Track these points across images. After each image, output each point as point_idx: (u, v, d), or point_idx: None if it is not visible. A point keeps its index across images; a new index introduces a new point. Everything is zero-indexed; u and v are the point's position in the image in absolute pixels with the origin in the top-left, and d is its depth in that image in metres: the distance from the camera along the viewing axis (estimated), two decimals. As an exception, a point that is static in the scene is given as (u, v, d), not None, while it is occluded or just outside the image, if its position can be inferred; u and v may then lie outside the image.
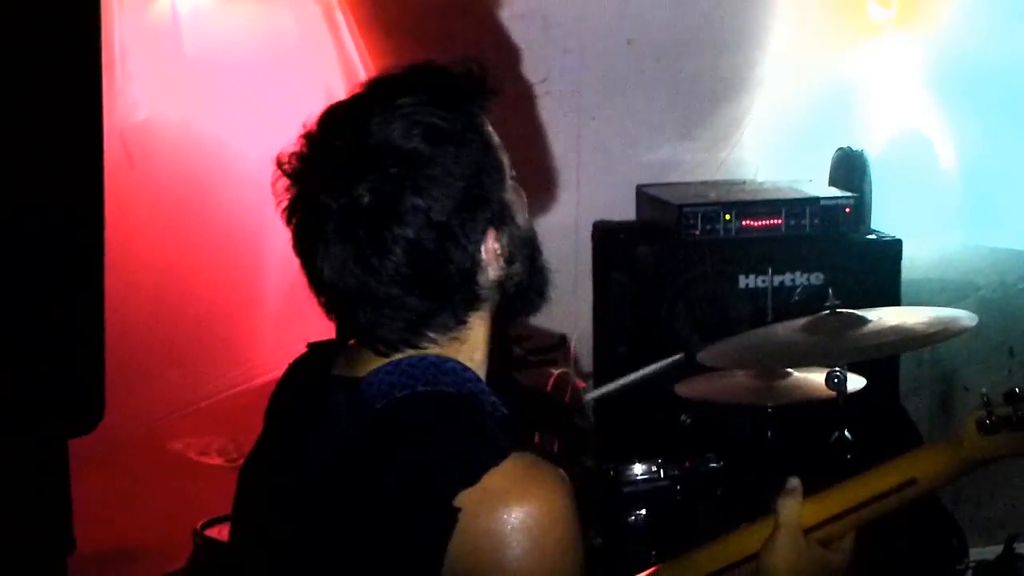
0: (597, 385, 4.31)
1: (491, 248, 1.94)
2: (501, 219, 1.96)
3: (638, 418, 4.20)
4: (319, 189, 1.90)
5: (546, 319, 4.16)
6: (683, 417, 3.98)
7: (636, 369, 4.06)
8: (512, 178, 2.01)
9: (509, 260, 1.97)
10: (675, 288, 4.33)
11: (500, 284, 1.98)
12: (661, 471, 3.51)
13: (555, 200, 4.77)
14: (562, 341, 4.26)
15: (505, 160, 1.99)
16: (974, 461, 2.07)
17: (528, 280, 2.02)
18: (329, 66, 4.40)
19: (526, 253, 2.01)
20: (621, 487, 3.49)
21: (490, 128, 1.98)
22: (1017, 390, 2.05)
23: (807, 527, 2.06)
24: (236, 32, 4.36)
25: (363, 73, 4.30)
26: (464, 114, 1.95)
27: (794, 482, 2.08)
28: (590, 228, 4.71)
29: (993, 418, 2.03)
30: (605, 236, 4.65)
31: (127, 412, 3.99)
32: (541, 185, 4.69)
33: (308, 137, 1.95)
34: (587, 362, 4.63)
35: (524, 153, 4.68)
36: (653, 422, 4.13)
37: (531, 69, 4.74)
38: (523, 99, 4.72)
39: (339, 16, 4.41)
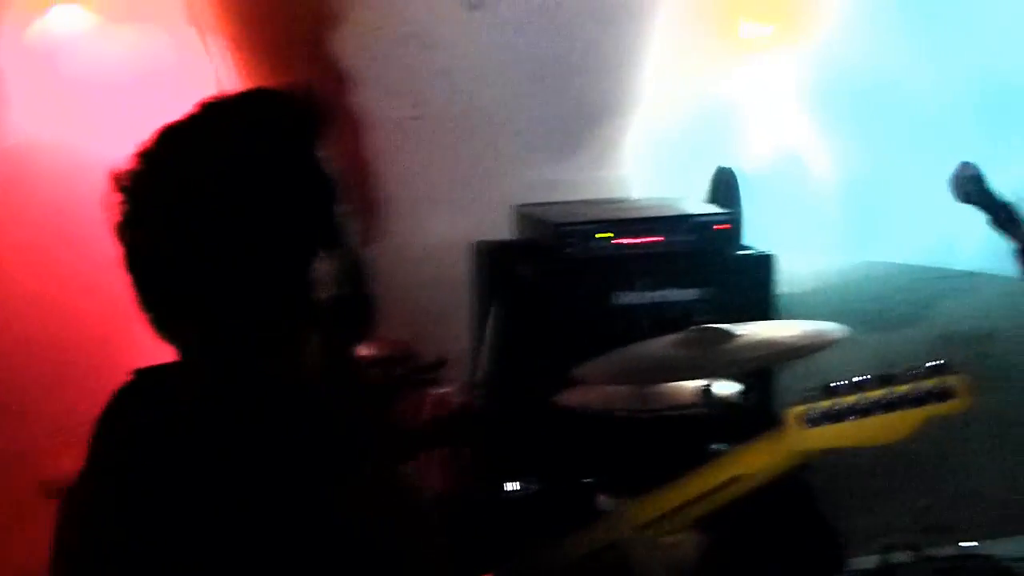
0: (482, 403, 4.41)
1: (318, 271, 1.97)
2: (327, 243, 1.99)
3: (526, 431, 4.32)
4: (150, 206, 1.96)
5: (426, 339, 4.30)
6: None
7: (521, 390, 4.20)
8: (344, 203, 2.03)
9: (335, 284, 2.00)
10: (554, 306, 4.45)
11: (326, 306, 2.00)
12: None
13: (434, 221, 4.85)
14: (442, 362, 4.35)
15: (336, 185, 2.02)
16: (798, 453, 2.23)
17: (354, 304, 2.05)
18: (205, 88, 4.45)
19: (352, 278, 2.04)
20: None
21: (321, 154, 2.01)
22: (833, 384, 2.21)
23: (643, 524, 2.20)
24: (113, 55, 4.40)
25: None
26: (292, 140, 1.99)
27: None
28: (470, 248, 4.77)
29: (813, 411, 2.19)
30: (484, 256, 4.71)
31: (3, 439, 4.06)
32: (420, 206, 4.79)
33: (142, 155, 2.00)
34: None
35: (402, 175, 4.84)
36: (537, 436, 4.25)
37: (410, 91, 4.84)
38: (402, 121, 4.82)
39: (213, 39, 4.49)
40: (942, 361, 2.49)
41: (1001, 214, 2.77)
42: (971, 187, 2.83)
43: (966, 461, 5.44)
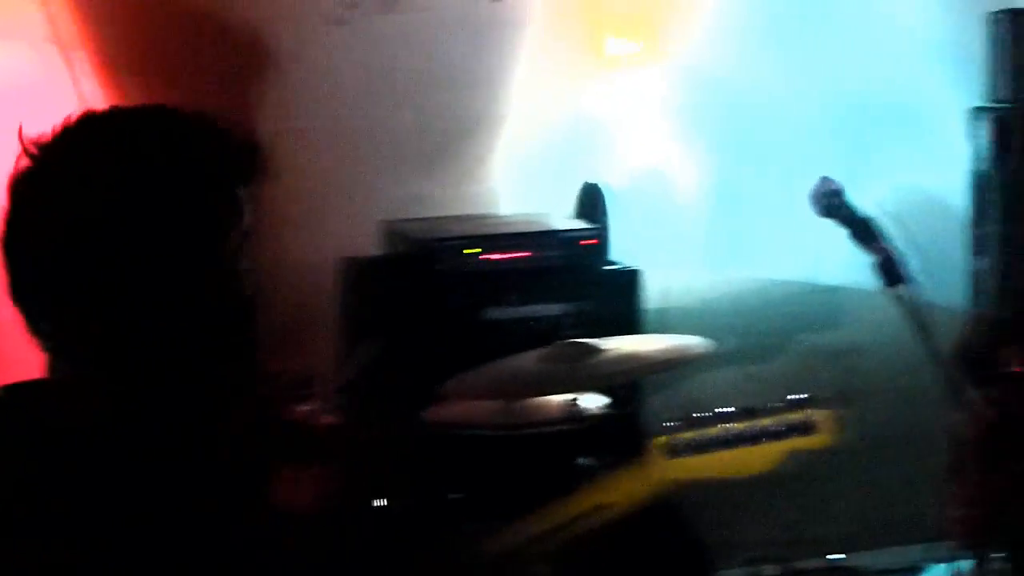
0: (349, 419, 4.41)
1: (210, 292, 1.97)
2: (218, 266, 2.00)
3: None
4: (35, 217, 1.94)
5: (294, 356, 4.28)
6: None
7: (389, 406, 4.21)
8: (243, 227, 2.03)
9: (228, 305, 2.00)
10: (422, 322, 4.45)
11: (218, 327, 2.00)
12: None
13: (301, 237, 4.83)
14: (309, 378, 4.34)
15: (236, 209, 2.02)
16: (661, 483, 2.26)
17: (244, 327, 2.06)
18: (68, 105, 4.42)
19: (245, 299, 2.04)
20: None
21: (225, 177, 2.01)
22: (697, 415, 2.24)
23: (505, 552, 2.22)
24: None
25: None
26: (182, 158, 1.98)
27: None
28: (336, 265, 4.72)
29: (677, 442, 2.22)
30: (351, 272, 4.68)
31: None
32: (287, 223, 4.78)
33: (27, 170, 1.97)
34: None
35: (268, 190, 4.82)
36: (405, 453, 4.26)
37: (279, 107, 4.84)
38: (272, 137, 4.77)
39: (77, 55, 4.46)
40: (806, 395, 2.54)
41: (861, 229, 2.83)
42: (831, 202, 2.89)
43: (832, 474, 5.53)
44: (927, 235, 5.16)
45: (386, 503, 3.68)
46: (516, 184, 5.16)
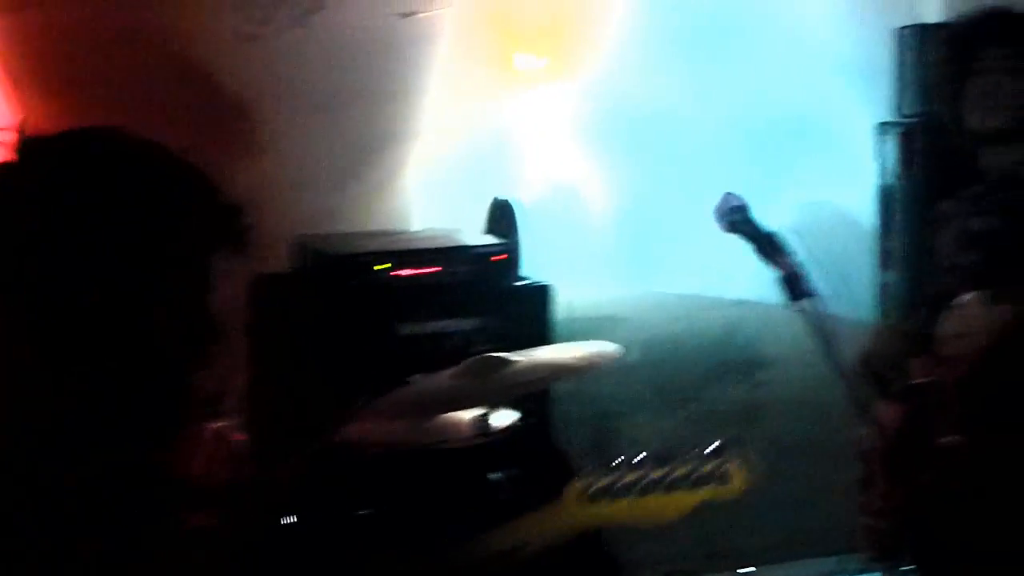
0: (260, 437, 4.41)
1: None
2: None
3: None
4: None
5: (203, 373, 4.26)
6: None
7: (300, 423, 4.21)
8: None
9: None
10: (333, 338, 4.46)
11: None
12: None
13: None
14: (219, 395, 4.32)
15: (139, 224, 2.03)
16: (576, 527, 2.27)
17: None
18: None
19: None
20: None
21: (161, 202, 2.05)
22: (614, 462, 2.25)
23: None
24: None
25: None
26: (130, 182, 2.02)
27: None
28: (247, 280, 4.64)
29: (593, 487, 2.23)
30: (263, 288, 4.63)
31: None
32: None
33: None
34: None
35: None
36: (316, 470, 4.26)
37: (191, 123, 4.71)
38: (185, 152, 4.78)
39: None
40: (720, 443, 2.57)
41: (765, 244, 2.87)
42: (734, 217, 2.93)
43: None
44: (835, 249, 5.26)
45: (294, 520, 3.69)
46: (427, 200, 5.19)
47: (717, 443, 2.47)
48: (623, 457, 2.42)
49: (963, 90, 3.65)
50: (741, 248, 3.20)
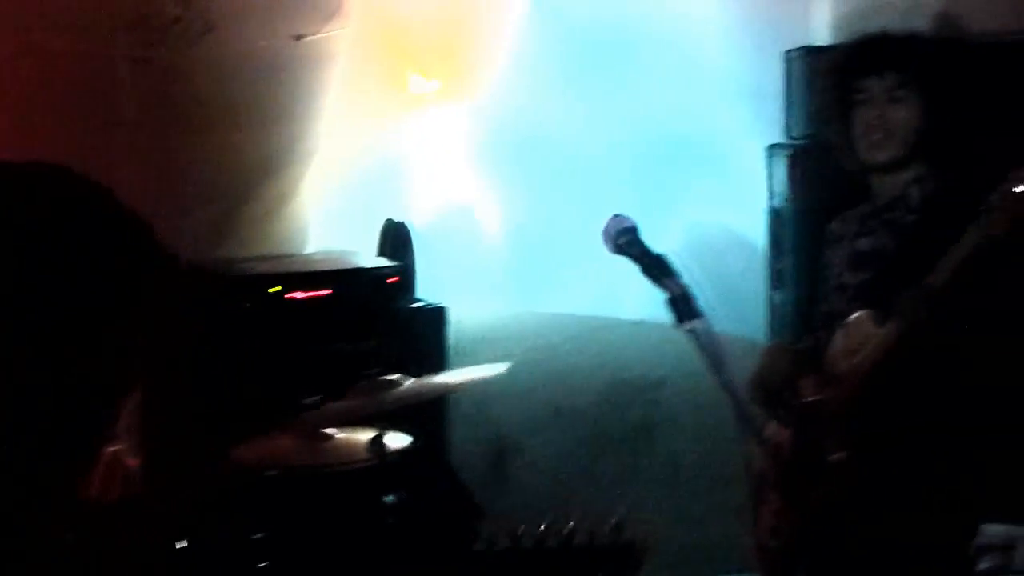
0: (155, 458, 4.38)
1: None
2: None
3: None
4: None
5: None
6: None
7: (193, 445, 4.19)
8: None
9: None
10: (226, 361, 4.44)
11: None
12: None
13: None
14: (114, 418, 4.29)
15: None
16: None
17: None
18: None
19: None
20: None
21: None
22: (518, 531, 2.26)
23: None
24: None
25: None
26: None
27: None
28: (139, 303, 4.71)
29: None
30: (154, 311, 4.66)
31: None
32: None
33: None
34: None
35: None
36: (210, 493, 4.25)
37: (83, 145, 4.72)
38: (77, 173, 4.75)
39: None
40: (618, 519, 2.60)
41: (653, 265, 2.89)
42: (624, 239, 2.95)
43: (639, 505, 5.62)
44: (726, 269, 5.33)
45: (188, 543, 3.68)
46: (322, 222, 5.20)
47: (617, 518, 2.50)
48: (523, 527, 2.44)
49: (848, 119, 3.69)
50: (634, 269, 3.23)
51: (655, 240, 2.93)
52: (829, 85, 3.81)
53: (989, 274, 3.24)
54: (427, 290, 4.97)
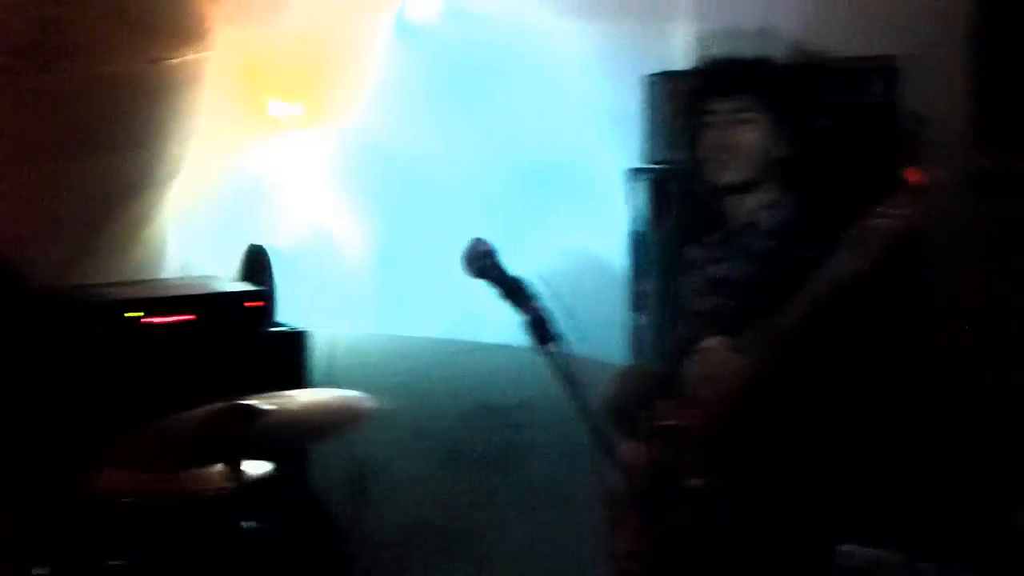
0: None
1: None
2: None
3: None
4: None
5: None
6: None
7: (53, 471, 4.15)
8: None
9: None
10: (82, 386, 4.42)
11: None
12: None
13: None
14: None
15: None
16: None
17: None
18: None
19: None
20: None
21: None
22: None
23: None
24: None
25: None
26: None
27: None
28: None
29: None
30: (12, 338, 4.51)
31: None
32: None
33: None
34: None
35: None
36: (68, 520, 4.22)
37: None
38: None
39: None
40: None
41: (511, 289, 2.93)
42: (483, 263, 2.99)
43: (500, 531, 5.65)
44: (588, 293, 5.37)
45: (47, 571, 3.66)
46: (181, 246, 5.18)
47: None
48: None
49: (699, 141, 3.73)
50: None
51: (517, 264, 2.97)
52: (680, 108, 3.87)
53: (841, 310, 3.31)
54: (289, 314, 4.97)
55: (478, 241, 2.98)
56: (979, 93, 4.59)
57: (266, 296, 4.80)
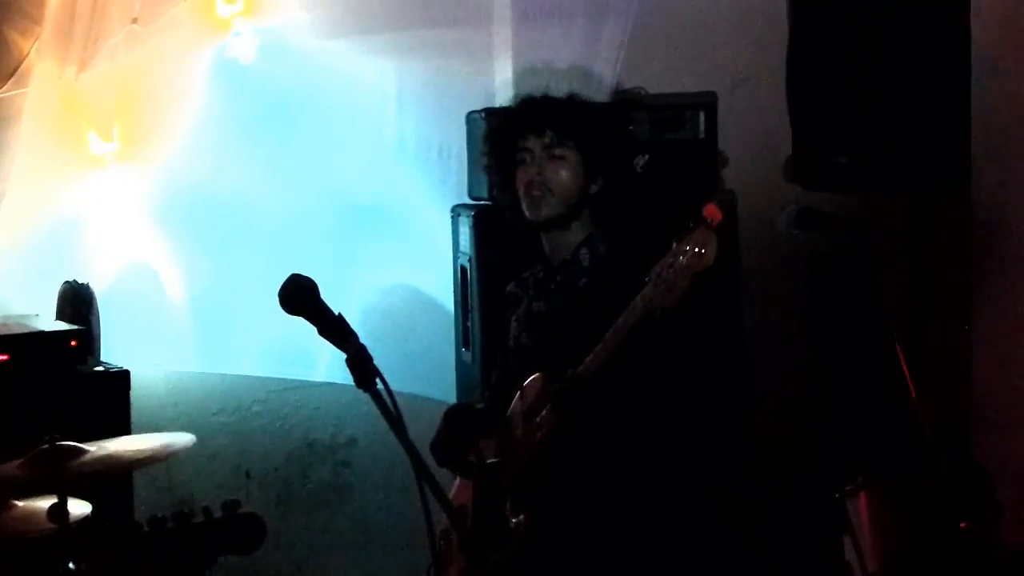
0: None
1: None
2: None
3: None
4: None
5: None
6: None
7: None
8: None
9: None
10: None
11: None
12: None
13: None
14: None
15: None
16: None
17: None
18: None
19: None
20: None
21: None
22: None
23: None
24: None
25: None
26: None
27: None
28: None
29: None
30: None
31: None
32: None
33: None
34: None
35: None
36: None
37: None
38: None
39: None
40: None
41: (331, 325, 2.99)
42: (301, 300, 3.04)
43: (329, 569, 5.71)
44: (414, 329, 5.47)
45: None
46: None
47: None
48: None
49: (512, 178, 3.86)
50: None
51: (341, 301, 3.02)
52: (494, 145, 3.97)
53: (654, 344, 3.41)
54: (110, 353, 4.99)
55: (295, 277, 3.01)
56: (795, 130, 4.76)
57: (86, 335, 4.79)
